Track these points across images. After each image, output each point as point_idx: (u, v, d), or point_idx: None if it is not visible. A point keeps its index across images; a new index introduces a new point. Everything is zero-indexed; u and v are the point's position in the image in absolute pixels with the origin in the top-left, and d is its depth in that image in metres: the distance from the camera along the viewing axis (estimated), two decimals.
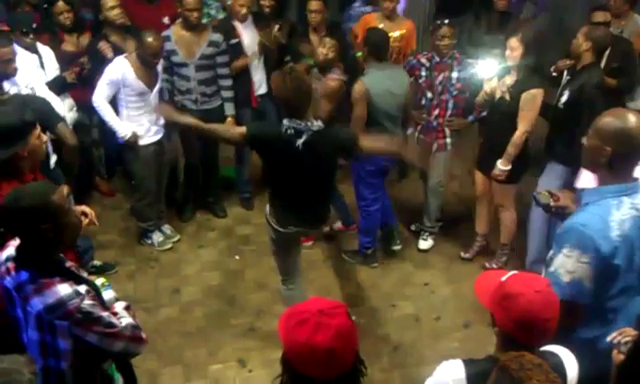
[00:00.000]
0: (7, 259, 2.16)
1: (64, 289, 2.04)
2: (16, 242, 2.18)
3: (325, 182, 3.35)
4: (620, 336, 2.01)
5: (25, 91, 3.83)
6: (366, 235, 4.52)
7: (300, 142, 3.05)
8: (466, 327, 4.00)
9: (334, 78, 4.33)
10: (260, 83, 5.01)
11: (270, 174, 3.32)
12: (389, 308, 4.18)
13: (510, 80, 3.98)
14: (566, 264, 2.14)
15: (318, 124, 3.08)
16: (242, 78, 4.90)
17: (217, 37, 4.65)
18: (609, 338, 2.06)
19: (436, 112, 4.43)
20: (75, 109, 4.51)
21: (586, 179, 2.78)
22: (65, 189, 2.24)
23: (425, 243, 4.81)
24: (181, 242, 4.85)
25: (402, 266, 4.59)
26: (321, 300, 1.62)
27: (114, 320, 2.17)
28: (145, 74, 4.24)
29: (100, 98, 4.24)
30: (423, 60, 4.44)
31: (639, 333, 1.82)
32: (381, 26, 4.87)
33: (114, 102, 4.32)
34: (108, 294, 2.35)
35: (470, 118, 4.56)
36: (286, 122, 3.06)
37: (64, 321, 2.05)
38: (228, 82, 4.77)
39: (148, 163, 4.48)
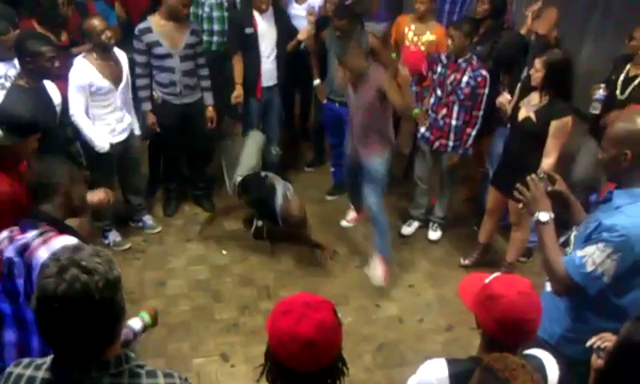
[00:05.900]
0: (7, 234, 2.28)
1: (69, 240, 2.17)
2: (7, 231, 2.30)
3: None
4: (599, 341, 2.04)
5: None
6: None
7: None
8: (448, 330, 4.03)
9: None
10: (270, 75, 4.94)
11: None
12: (373, 308, 4.20)
13: (535, 100, 3.78)
14: (596, 256, 2.22)
15: None
16: (251, 68, 4.84)
17: (196, 25, 4.63)
18: (588, 343, 2.08)
19: (443, 111, 4.43)
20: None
21: None
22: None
23: (434, 234, 4.92)
24: (168, 234, 4.83)
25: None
26: (310, 295, 1.64)
27: None
28: (108, 70, 4.07)
29: (77, 111, 3.99)
30: (442, 56, 4.42)
31: (619, 338, 1.84)
32: (412, 26, 4.97)
33: None
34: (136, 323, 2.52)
35: (460, 151, 4.52)
36: None
37: None
38: (207, 71, 4.72)
39: (108, 163, 4.28)
